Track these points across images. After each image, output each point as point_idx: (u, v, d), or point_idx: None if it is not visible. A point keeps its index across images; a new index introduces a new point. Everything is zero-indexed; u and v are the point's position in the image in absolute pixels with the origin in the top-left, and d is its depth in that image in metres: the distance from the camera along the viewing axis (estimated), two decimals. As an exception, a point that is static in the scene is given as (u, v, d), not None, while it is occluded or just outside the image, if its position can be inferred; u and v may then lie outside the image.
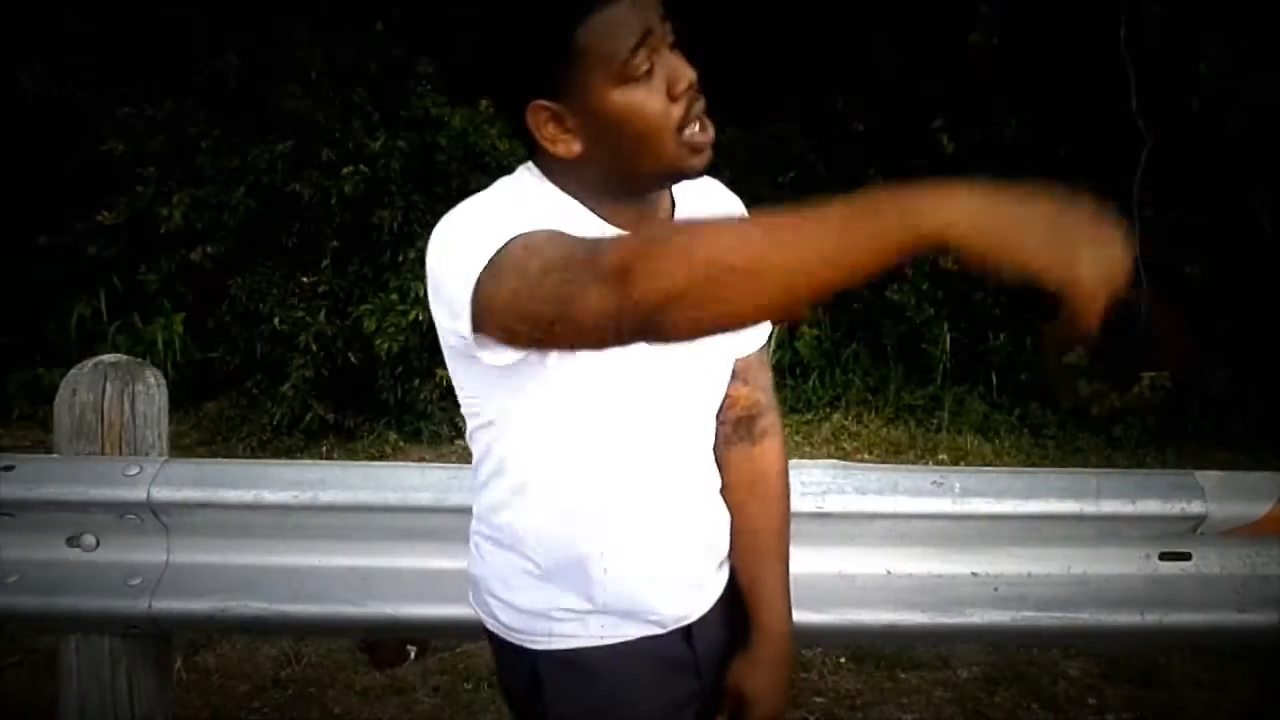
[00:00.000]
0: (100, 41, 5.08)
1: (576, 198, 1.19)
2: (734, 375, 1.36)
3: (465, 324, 1.05)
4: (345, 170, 4.68)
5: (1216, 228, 4.76)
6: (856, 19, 5.13)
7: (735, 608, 1.42)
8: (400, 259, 4.60)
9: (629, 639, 1.28)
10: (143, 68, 5.05)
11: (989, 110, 5.04)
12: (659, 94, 1.11)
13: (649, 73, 1.10)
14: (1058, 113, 4.97)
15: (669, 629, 1.31)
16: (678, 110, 1.12)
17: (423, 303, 4.31)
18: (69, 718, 1.99)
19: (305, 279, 4.76)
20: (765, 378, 1.42)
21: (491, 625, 1.32)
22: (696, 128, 1.14)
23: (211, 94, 4.98)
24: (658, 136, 1.13)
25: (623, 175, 1.17)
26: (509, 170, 1.30)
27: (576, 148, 1.14)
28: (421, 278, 4.53)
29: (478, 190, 1.23)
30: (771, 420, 1.42)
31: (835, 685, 2.87)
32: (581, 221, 1.17)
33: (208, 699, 2.79)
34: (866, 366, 5.11)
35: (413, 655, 2.95)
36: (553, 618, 1.27)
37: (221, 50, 4.91)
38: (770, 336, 1.45)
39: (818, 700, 2.81)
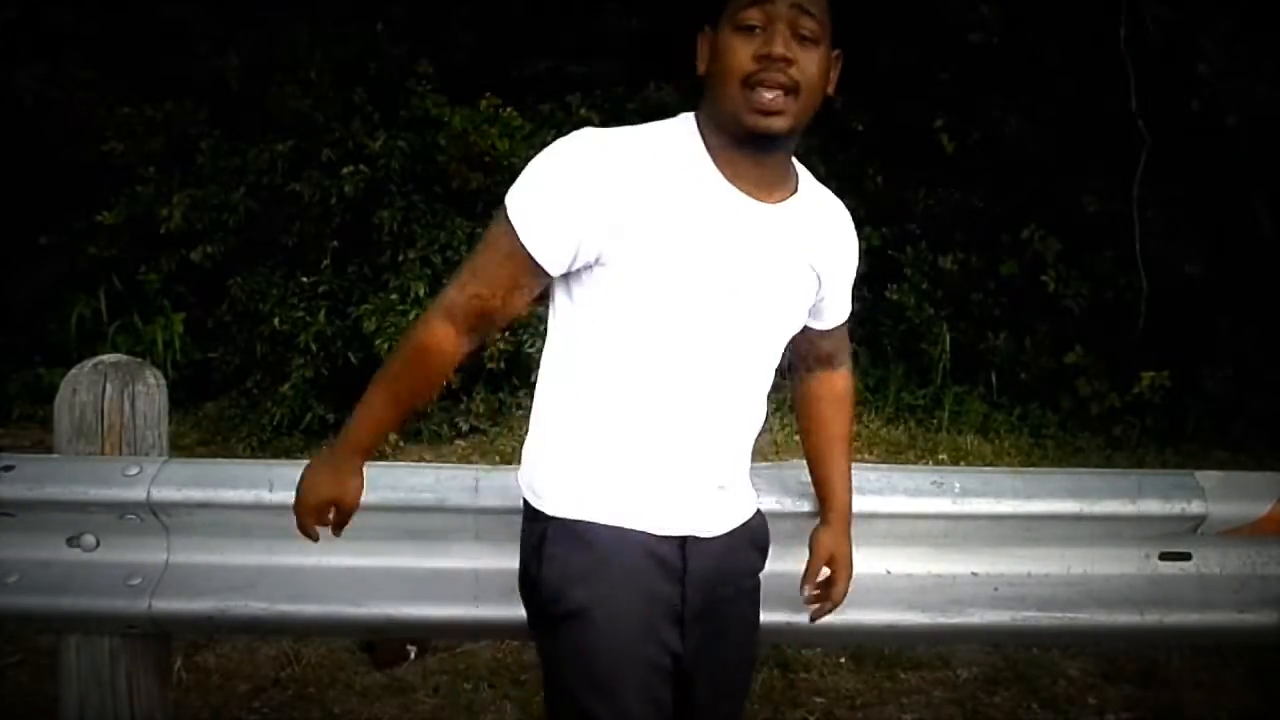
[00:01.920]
0: (100, 41, 5.08)
1: (707, 145, 1.43)
2: (821, 336, 1.64)
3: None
4: (345, 170, 4.68)
5: (1216, 228, 4.76)
6: (856, 19, 5.12)
7: (741, 554, 1.58)
8: (400, 259, 4.60)
9: (628, 528, 1.46)
10: (143, 68, 5.05)
11: (989, 110, 5.04)
12: (749, 49, 1.37)
13: (755, 30, 1.37)
14: (1058, 113, 4.97)
15: (666, 534, 1.48)
16: (752, 66, 1.37)
17: (422, 303, 4.32)
18: (69, 718, 1.98)
19: (305, 279, 4.76)
20: (845, 346, 1.72)
21: (526, 494, 1.53)
22: (763, 91, 1.37)
23: (211, 94, 4.98)
24: (729, 78, 1.38)
25: (717, 110, 1.42)
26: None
27: (702, 67, 1.44)
28: (421, 277, 4.56)
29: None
30: (847, 365, 1.75)
31: (835, 685, 2.87)
32: (699, 170, 1.42)
33: (208, 699, 2.79)
34: (866, 366, 5.10)
35: (413, 655, 2.95)
36: (569, 492, 1.47)
37: (221, 50, 4.91)
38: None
39: (818, 700, 2.81)
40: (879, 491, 1.89)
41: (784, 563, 1.93)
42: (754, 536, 1.61)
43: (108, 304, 5.03)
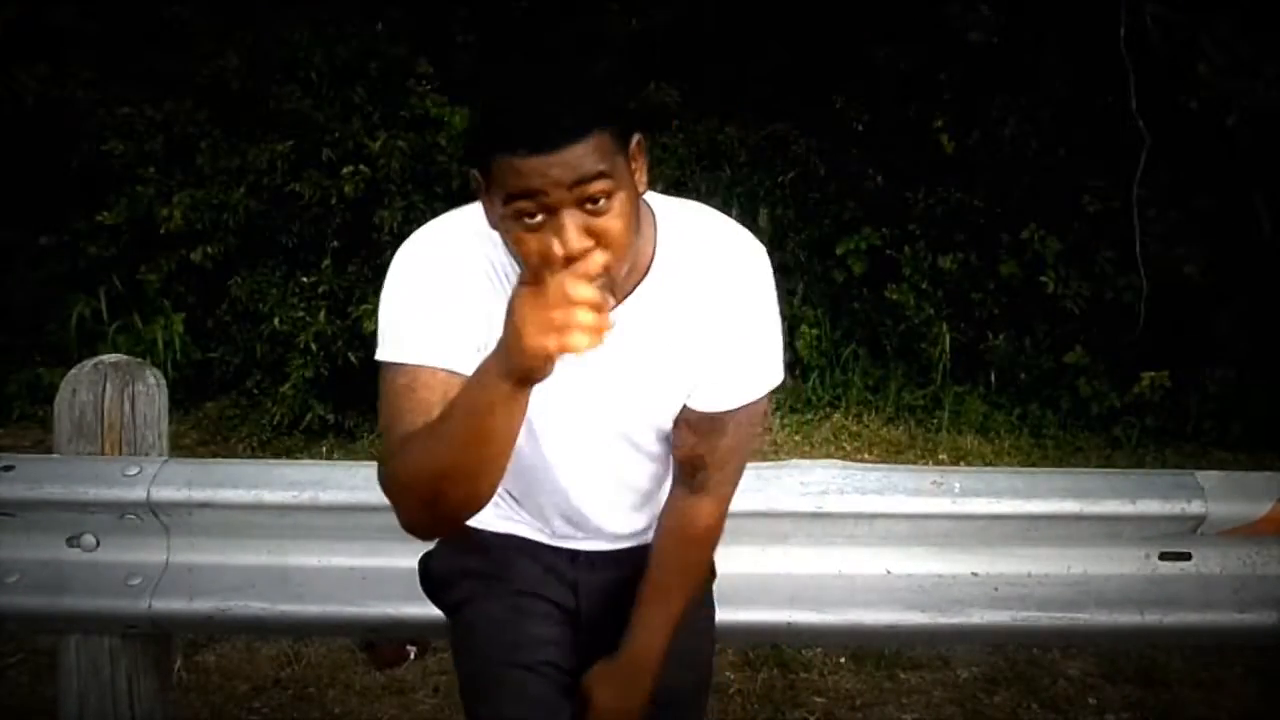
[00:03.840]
0: (100, 41, 5.08)
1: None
2: (685, 423, 1.40)
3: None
4: (345, 170, 4.68)
5: (1216, 228, 4.76)
6: (857, 19, 5.13)
7: (642, 568, 1.49)
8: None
9: (512, 534, 1.50)
10: (143, 68, 5.05)
11: (989, 110, 5.04)
12: (534, 244, 1.15)
13: (538, 218, 1.14)
14: (1057, 113, 4.97)
15: (553, 544, 1.51)
16: (546, 270, 1.13)
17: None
18: (69, 718, 1.99)
19: (305, 279, 4.76)
20: (721, 440, 1.40)
21: None
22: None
23: (211, 94, 4.98)
24: (533, 275, 1.14)
25: None
26: None
27: (494, 222, 1.23)
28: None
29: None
30: (713, 480, 1.43)
31: (835, 685, 2.87)
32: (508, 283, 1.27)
33: (208, 699, 2.79)
34: (866, 366, 5.10)
35: (413, 655, 2.95)
36: None
37: (221, 50, 4.91)
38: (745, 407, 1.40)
39: (818, 700, 2.81)
40: (879, 491, 1.90)
41: (783, 562, 1.93)
42: None
43: (108, 304, 5.02)
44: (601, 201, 1.15)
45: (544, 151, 1.12)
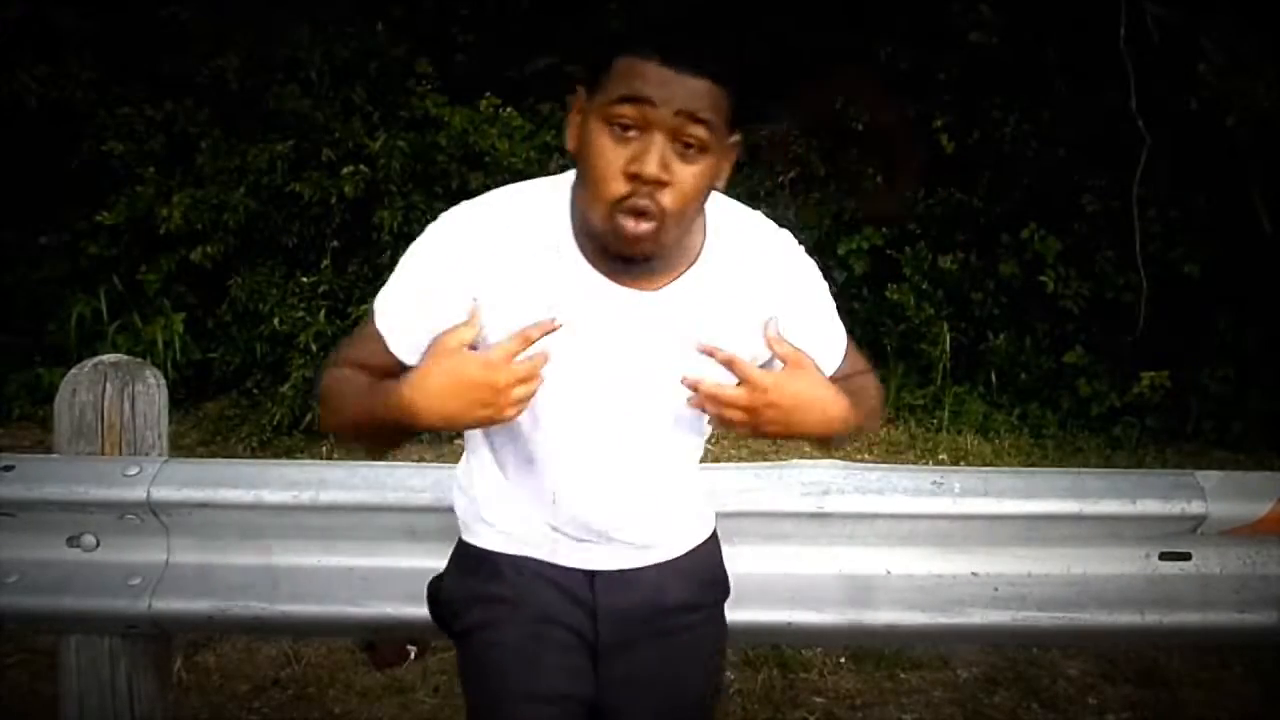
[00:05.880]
0: (100, 42, 5.08)
1: (574, 229, 1.29)
2: None
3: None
4: (345, 170, 4.68)
5: (1216, 228, 4.76)
6: (857, 19, 5.13)
7: (675, 588, 1.47)
8: (400, 259, 4.59)
9: (528, 556, 1.44)
10: (143, 68, 5.05)
11: (989, 110, 5.04)
12: (620, 159, 1.19)
13: (630, 133, 1.18)
14: (1058, 113, 4.97)
15: (570, 566, 1.44)
16: (619, 187, 1.19)
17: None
18: (69, 718, 1.99)
19: (305, 279, 4.77)
20: (855, 375, 1.43)
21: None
22: (629, 220, 1.20)
23: (211, 94, 4.98)
24: (594, 195, 1.22)
25: (585, 216, 1.26)
26: (508, 170, 1.33)
27: (572, 145, 1.26)
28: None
29: (477, 191, 1.29)
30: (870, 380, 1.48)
31: (835, 685, 2.87)
32: (564, 255, 1.29)
33: (208, 699, 2.79)
34: (866, 366, 5.10)
35: (413, 655, 2.95)
36: (474, 525, 1.47)
37: (221, 50, 4.91)
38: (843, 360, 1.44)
39: (818, 700, 2.81)
40: (879, 491, 1.89)
41: (783, 562, 1.93)
42: (695, 569, 1.50)
43: (108, 304, 5.02)
44: (693, 150, 1.18)
45: (677, 66, 1.15)
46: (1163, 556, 1.96)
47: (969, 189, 5.18)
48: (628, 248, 1.23)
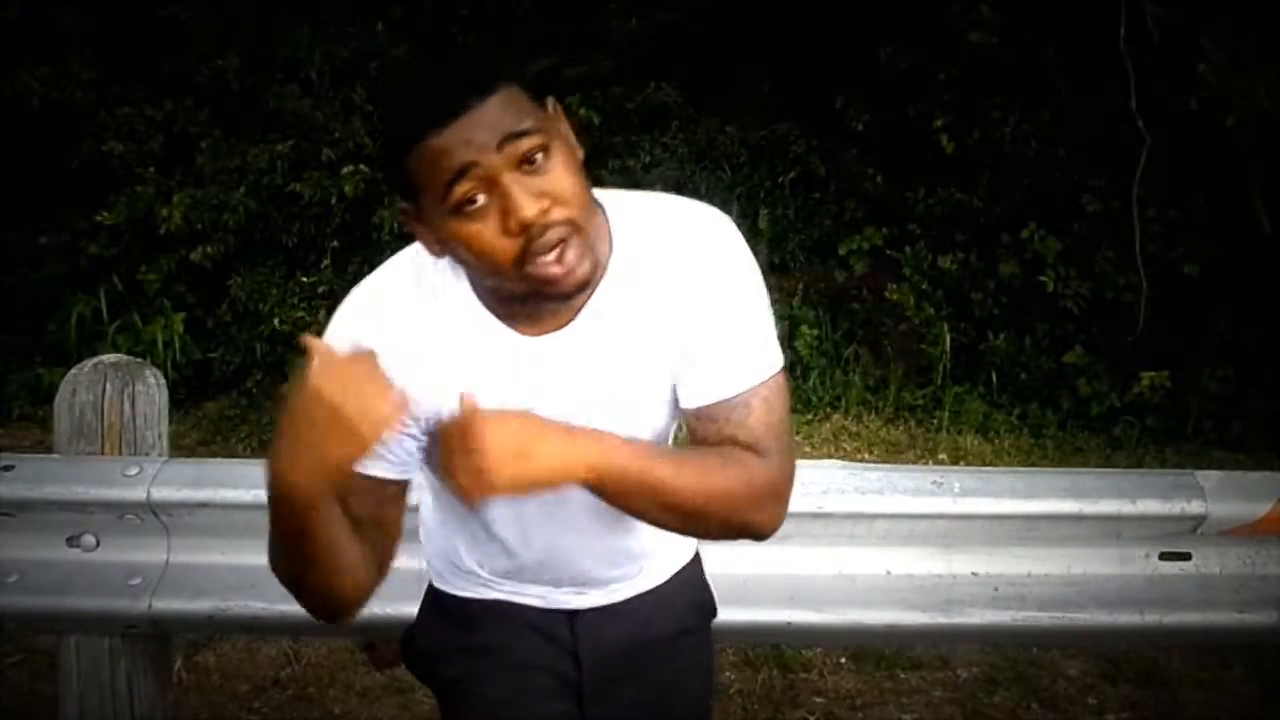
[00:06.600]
0: (100, 41, 5.08)
1: (495, 294, 1.20)
2: (700, 418, 1.23)
3: None
4: (345, 170, 4.68)
5: (1216, 228, 4.76)
6: (857, 19, 5.13)
7: (661, 617, 1.41)
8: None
9: (503, 600, 1.38)
10: (143, 68, 5.05)
11: (989, 110, 5.04)
12: (493, 227, 1.08)
13: (482, 205, 1.08)
14: (1058, 113, 4.97)
15: (548, 608, 1.38)
16: (513, 246, 1.08)
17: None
18: (69, 718, 1.99)
19: (305, 279, 4.77)
20: (751, 417, 1.22)
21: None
22: (547, 258, 1.09)
23: (211, 94, 4.98)
24: (497, 269, 1.11)
25: (491, 284, 1.17)
26: None
27: (439, 249, 1.17)
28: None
29: (410, 224, 1.19)
30: (761, 448, 1.22)
31: (835, 685, 2.87)
32: (478, 326, 1.21)
33: (208, 699, 2.79)
34: (866, 366, 5.10)
35: (413, 655, 2.95)
36: (443, 571, 1.44)
37: (221, 50, 4.91)
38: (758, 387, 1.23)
39: (818, 700, 2.81)
40: (879, 491, 1.89)
41: (783, 562, 1.93)
42: (679, 594, 1.43)
43: (108, 304, 5.02)
44: (539, 159, 1.08)
45: (457, 115, 1.05)
46: (1163, 556, 1.96)
47: (969, 189, 5.18)
48: (564, 288, 1.12)
